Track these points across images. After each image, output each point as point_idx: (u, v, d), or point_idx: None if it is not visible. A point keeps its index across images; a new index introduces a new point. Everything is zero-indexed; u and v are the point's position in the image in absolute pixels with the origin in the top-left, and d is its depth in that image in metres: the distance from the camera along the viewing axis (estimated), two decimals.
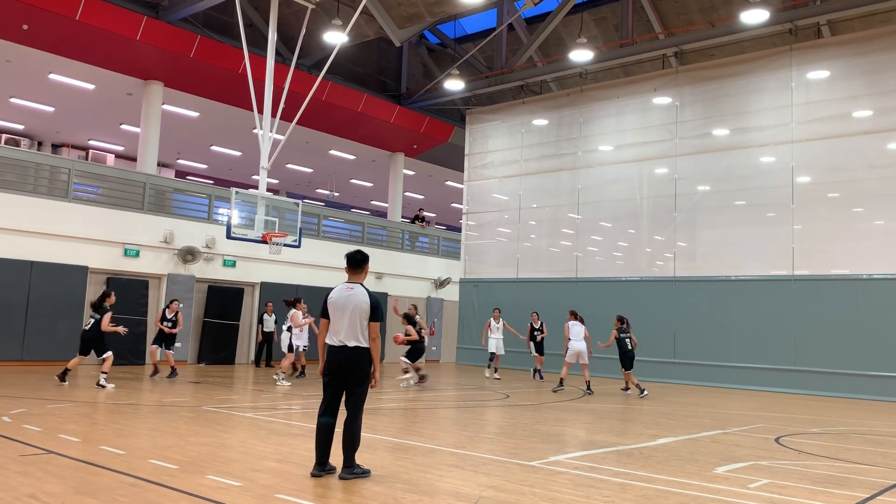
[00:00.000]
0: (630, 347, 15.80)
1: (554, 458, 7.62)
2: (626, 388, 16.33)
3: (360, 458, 7.27)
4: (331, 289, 6.80)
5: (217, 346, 20.60)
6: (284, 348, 16.26)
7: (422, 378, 16.12)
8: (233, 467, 6.53)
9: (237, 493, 5.61)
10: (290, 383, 15.24)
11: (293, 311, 16.15)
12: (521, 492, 5.99)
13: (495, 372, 19.20)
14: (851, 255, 18.25)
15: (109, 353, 13.77)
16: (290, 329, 16.23)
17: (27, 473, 5.94)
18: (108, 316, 13.64)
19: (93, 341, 13.64)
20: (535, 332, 19.21)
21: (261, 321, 20.39)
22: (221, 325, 20.72)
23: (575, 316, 16.58)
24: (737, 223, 20.14)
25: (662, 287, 21.21)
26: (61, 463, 6.44)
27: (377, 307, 6.48)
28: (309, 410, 11.35)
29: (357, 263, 6.81)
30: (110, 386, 13.29)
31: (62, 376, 13.60)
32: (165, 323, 15.85)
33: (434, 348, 27.64)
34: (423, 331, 17.07)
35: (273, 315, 20.25)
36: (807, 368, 18.32)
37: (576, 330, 16.18)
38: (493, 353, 19.24)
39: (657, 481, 6.64)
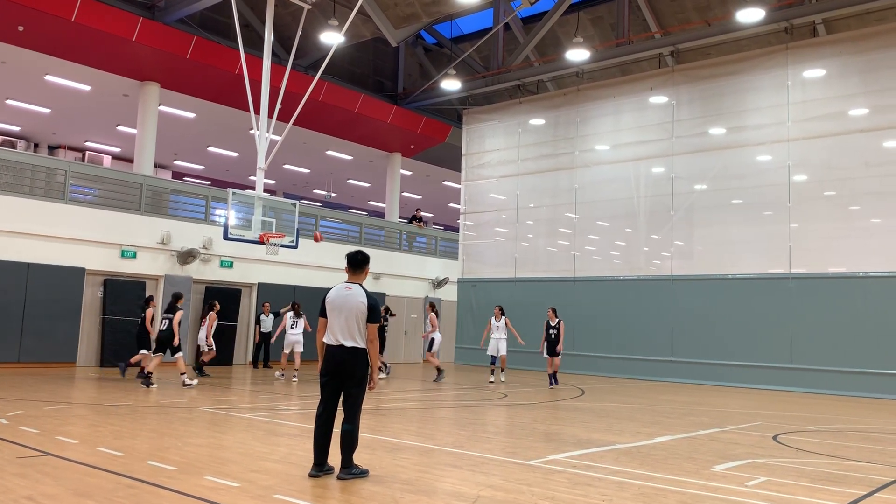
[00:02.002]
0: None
1: (552, 457, 7.62)
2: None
3: (359, 458, 7.26)
4: (328, 289, 6.76)
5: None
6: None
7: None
8: (231, 468, 6.52)
9: (235, 493, 5.60)
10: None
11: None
12: (519, 491, 5.99)
13: (501, 373, 17.79)
14: (848, 253, 18.28)
15: (180, 354, 14.38)
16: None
17: (25, 475, 5.93)
18: (178, 314, 14.22)
19: (168, 341, 14.11)
20: (551, 331, 17.09)
21: (258, 321, 20.42)
22: (219, 326, 20.68)
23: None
24: (734, 222, 20.17)
25: (660, 286, 21.23)
26: (59, 465, 6.43)
27: (374, 308, 6.42)
28: (307, 411, 11.34)
29: (357, 264, 6.73)
30: (193, 382, 14.12)
31: (147, 381, 13.85)
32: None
33: None
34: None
35: (270, 315, 20.29)
36: (804, 366, 18.35)
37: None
38: (493, 357, 17.79)
39: (655, 480, 6.64)
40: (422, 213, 30.60)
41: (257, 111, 17.32)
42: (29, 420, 8.94)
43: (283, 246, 17.44)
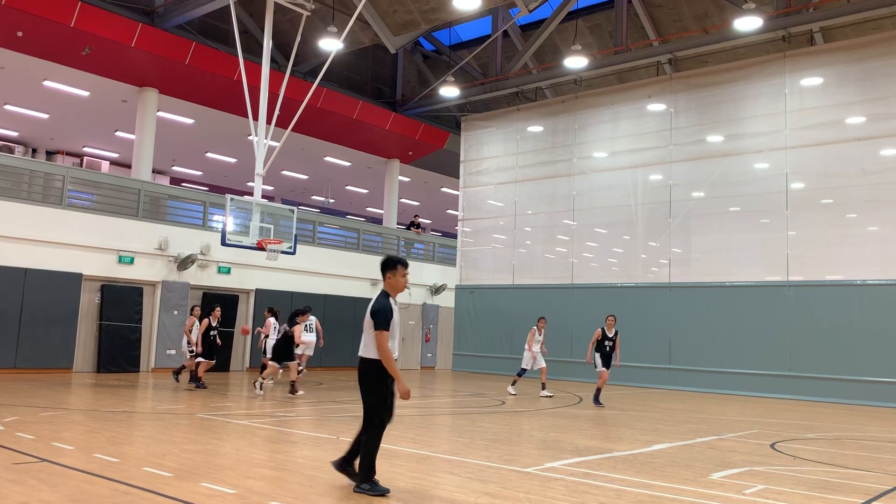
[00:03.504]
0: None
1: (549, 465, 7.61)
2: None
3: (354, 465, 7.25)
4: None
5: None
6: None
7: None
8: (227, 475, 6.50)
9: (231, 500, 5.59)
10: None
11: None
12: (516, 498, 5.98)
13: (542, 389, 16.57)
14: (845, 261, 18.31)
15: (294, 363, 14.76)
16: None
17: (20, 482, 5.91)
18: (297, 328, 14.77)
19: (286, 350, 14.67)
20: (608, 343, 14.76)
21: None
22: (216, 331, 20.63)
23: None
24: (731, 229, 20.20)
25: (657, 293, 21.23)
26: (55, 471, 6.41)
27: (376, 313, 6.05)
28: (304, 418, 11.33)
29: (380, 268, 6.41)
30: (269, 382, 14.46)
31: (292, 389, 14.49)
32: (211, 333, 15.70)
33: (430, 355, 27.63)
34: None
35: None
36: (801, 374, 18.35)
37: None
38: (524, 370, 16.68)
39: (653, 487, 6.63)
40: (420, 220, 30.60)
41: (256, 117, 17.34)
42: (25, 426, 8.91)
43: (281, 252, 17.45)
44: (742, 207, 20.10)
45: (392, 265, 6.29)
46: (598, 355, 14.61)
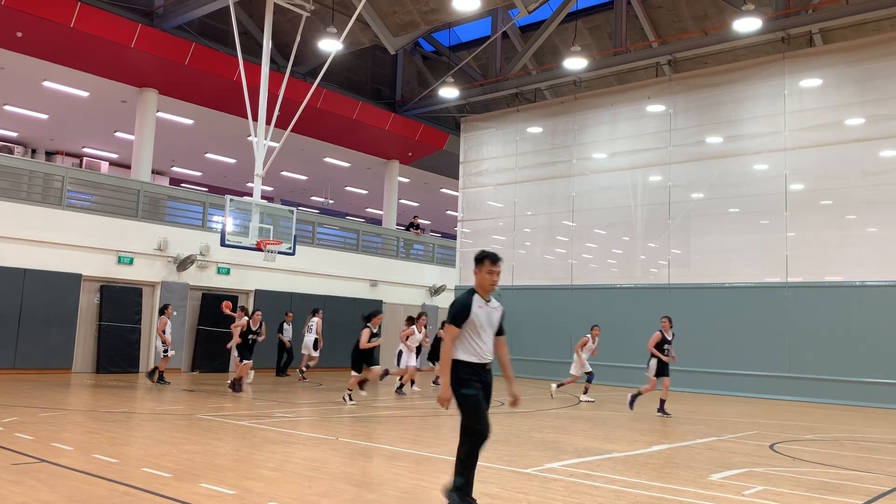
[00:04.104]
0: None
1: (549, 466, 7.61)
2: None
3: (355, 465, 7.26)
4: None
5: (211, 353, 20.51)
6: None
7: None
8: (226, 475, 6.50)
9: (230, 501, 5.59)
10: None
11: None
12: (516, 499, 5.98)
13: (584, 393, 16.18)
14: (845, 262, 18.32)
15: (375, 368, 13.83)
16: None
17: (20, 482, 5.91)
18: (365, 332, 13.51)
19: (363, 356, 13.64)
20: (667, 346, 13.63)
21: (280, 330, 20.14)
22: (216, 332, 20.65)
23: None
24: (730, 230, 20.21)
25: (656, 294, 21.23)
26: (54, 472, 6.40)
27: (450, 306, 5.64)
28: (303, 419, 11.32)
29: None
30: (362, 393, 13.91)
31: (362, 386, 13.96)
32: (251, 336, 15.42)
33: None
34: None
35: (291, 325, 20.11)
36: (801, 375, 18.36)
37: None
38: (591, 374, 16.11)
39: (652, 488, 6.63)
40: (419, 221, 30.60)
41: (255, 118, 17.34)
42: (24, 426, 8.90)
43: (280, 253, 17.44)
44: (741, 208, 20.10)
45: (479, 260, 5.74)
46: (654, 361, 13.48)
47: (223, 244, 16.71)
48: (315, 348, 19.25)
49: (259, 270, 21.44)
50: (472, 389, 5.45)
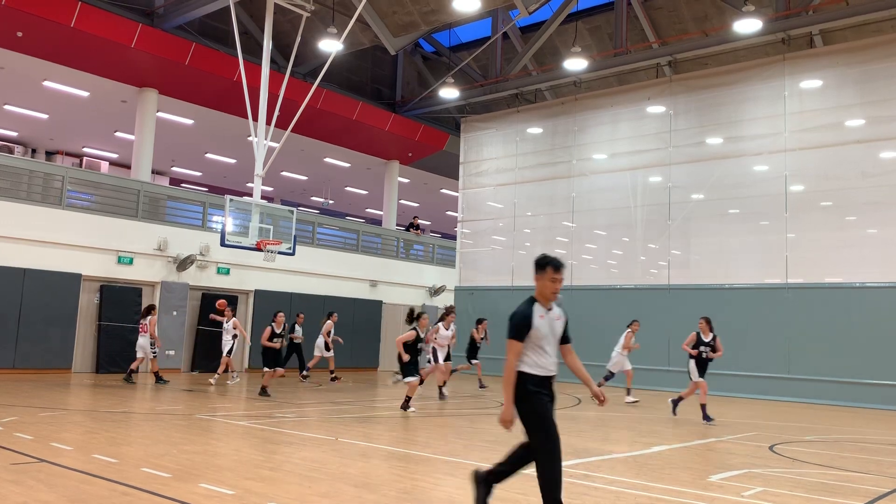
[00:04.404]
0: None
1: None
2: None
3: (355, 466, 7.25)
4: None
5: (211, 353, 20.50)
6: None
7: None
8: (225, 476, 6.50)
9: (230, 501, 5.59)
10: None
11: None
12: (515, 500, 5.98)
13: (627, 394, 16.05)
14: (844, 263, 18.32)
15: (413, 378, 12.87)
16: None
17: (19, 482, 5.91)
18: (409, 336, 12.82)
19: (409, 361, 12.87)
20: (704, 348, 12.80)
21: (292, 331, 20.07)
22: (215, 332, 20.63)
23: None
24: (730, 231, 20.21)
25: (656, 295, 21.24)
26: (53, 471, 6.40)
27: (510, 319, 5.21)
28: (303, 419, 11.32)
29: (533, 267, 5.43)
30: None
31: (441, 393, 14.50)
32: (275, 339, 14.54)
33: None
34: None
35: (302, 327, 20.01)
36: (800, 376, 18.35)
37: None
38: (613, 374, 16.10)
39: (651, 489, 6.63)
40: (419, 221, 30.60)
41: (255, 118, 17.34)
42: (24, 426, 8.90)
43: (280, 253, 17.44)
44: (741, 209, 20.11)
45: (541, 266, 5.37)
46: (692, 363, 12.81)
47: (223, 244, 16.72)
48: (327, 349, 19.15)
49: (259, 270, 21.44)
50: (540, 405, 4.98)
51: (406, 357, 12.53)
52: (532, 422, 4.97)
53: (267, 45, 17.76)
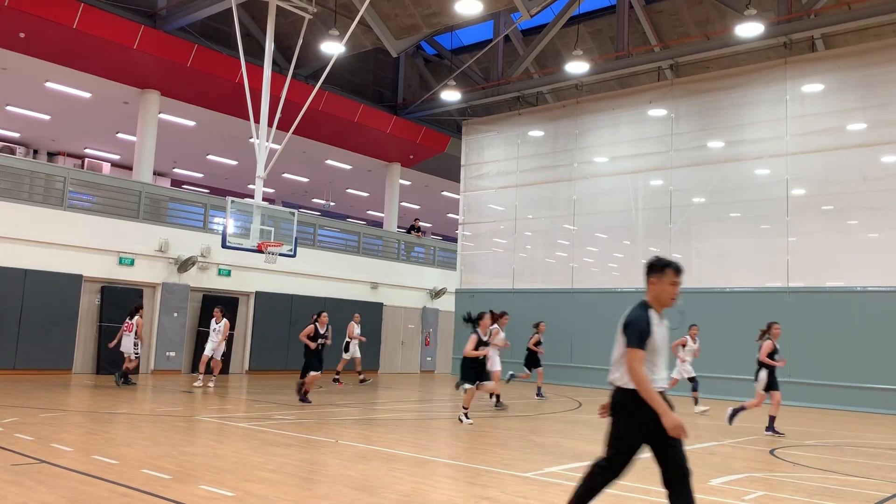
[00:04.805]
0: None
1: (549, 470, 7.60)
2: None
3: (354, 468, 7.25)
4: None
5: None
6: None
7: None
8: (226, 477, 6.50)
9: (230, 503, 5.58)
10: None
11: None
12: (515, 503, 5.97)
13: (695, 403, 15.47)
14: (846, 267, 18.30)
15: (488, 384, 12.01)
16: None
17: (19, 483, 5.90)
18: (471, 340, 11.60)
19: (474, 367, 11.77)
20: (778, 356, 12.27)
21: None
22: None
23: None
24: (731, 235, 20.19)
25: None
26: (53, 472, 6.40)
27: (627, 326, 4.65)
28: (303, 421, 11.31)
29: (644, 271, 4.96)
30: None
31: (497, 401, 13.72)
32: (321, 340, 13.83)
33: (429, 359, 27.61)
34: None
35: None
36: (801, 380, 18.33)
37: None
38: (695, 380, 15.41)
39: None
40: (420, 223, 30.62)
41: (257, 120, 17.36)
42: (24, 427, 8.90)
43: (281, 255, 17.44)
44: (742, 213, 20.10)
45: (658, 268, 4.86)
46: (764, 372, 11.97)
47: (224, 246, 16.72)
48: (346, 350, 19.08)
49: (260, 272, 21.44)
50: (638, 428, 4.57)
51: (478, 353, 11.39)
52: (621, 439, 4.66)
53: (269, 47, 17.78)
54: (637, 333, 4.56)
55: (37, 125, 26.78)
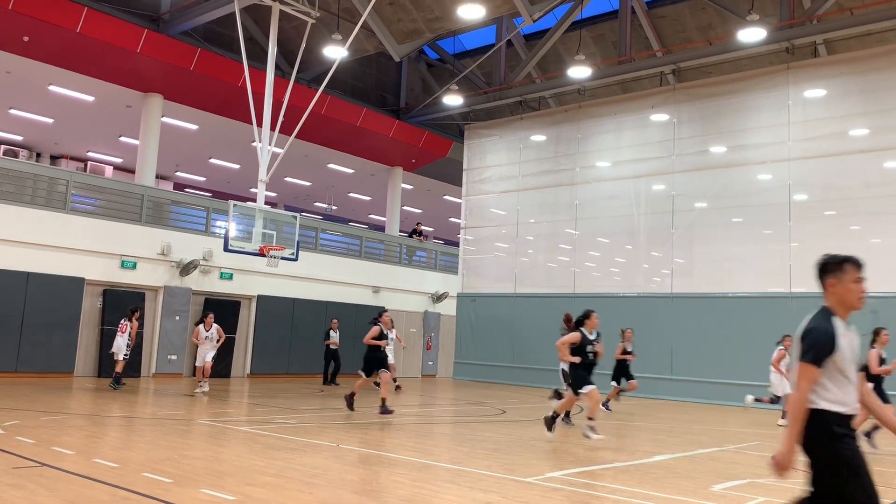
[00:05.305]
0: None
1: (550, 475, 7.59)
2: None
3: (355, 472, 7.24)
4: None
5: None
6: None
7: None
8: (227, 481, 6.49)
9: None
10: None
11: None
12: None
13: (783, 418, 13.57)
14: None
15: (589, 388, 10.22)
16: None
17: (20, 486, 5.90)
18: (573, 337, 10.55)
19: (579, 374, 10.53)
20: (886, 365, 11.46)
21: (327, 337, 20.05)
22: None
23: None
24: (734, 240, 20.18)
25: (659, 303, 21.20)
26: (54, 476, 6.40)
27: (805, 336, 3.90)
28: (305, 425, 11.30)
29: (817, 273, 4.21)
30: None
31: (554, 420, 10.57)
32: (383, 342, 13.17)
33: (431, 363, 27.58)
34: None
35: (337, 332, 19.98)
36: None
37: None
38: (779, 397, 13.96)
39: (654, 498, 6.60)
40: (422, 227, 30.60)
41: (260, 124, 17.39)
42: (25, 430, 8.90)
43: (283, 258, 17.45)
44: (745, 218, 20.08)
45: (835, 265, 4.12)
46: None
47: (226, 249, 16.74)
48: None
49: (262, 276, 21.44)
50: (853, 453, 3.79)
51: (574, 359, 10.14)
52: (840, 476, 3.76)
53: (272, 51, 17.82)
54: (814, 348, 3.80)
55: (40, 128, 26.83)
